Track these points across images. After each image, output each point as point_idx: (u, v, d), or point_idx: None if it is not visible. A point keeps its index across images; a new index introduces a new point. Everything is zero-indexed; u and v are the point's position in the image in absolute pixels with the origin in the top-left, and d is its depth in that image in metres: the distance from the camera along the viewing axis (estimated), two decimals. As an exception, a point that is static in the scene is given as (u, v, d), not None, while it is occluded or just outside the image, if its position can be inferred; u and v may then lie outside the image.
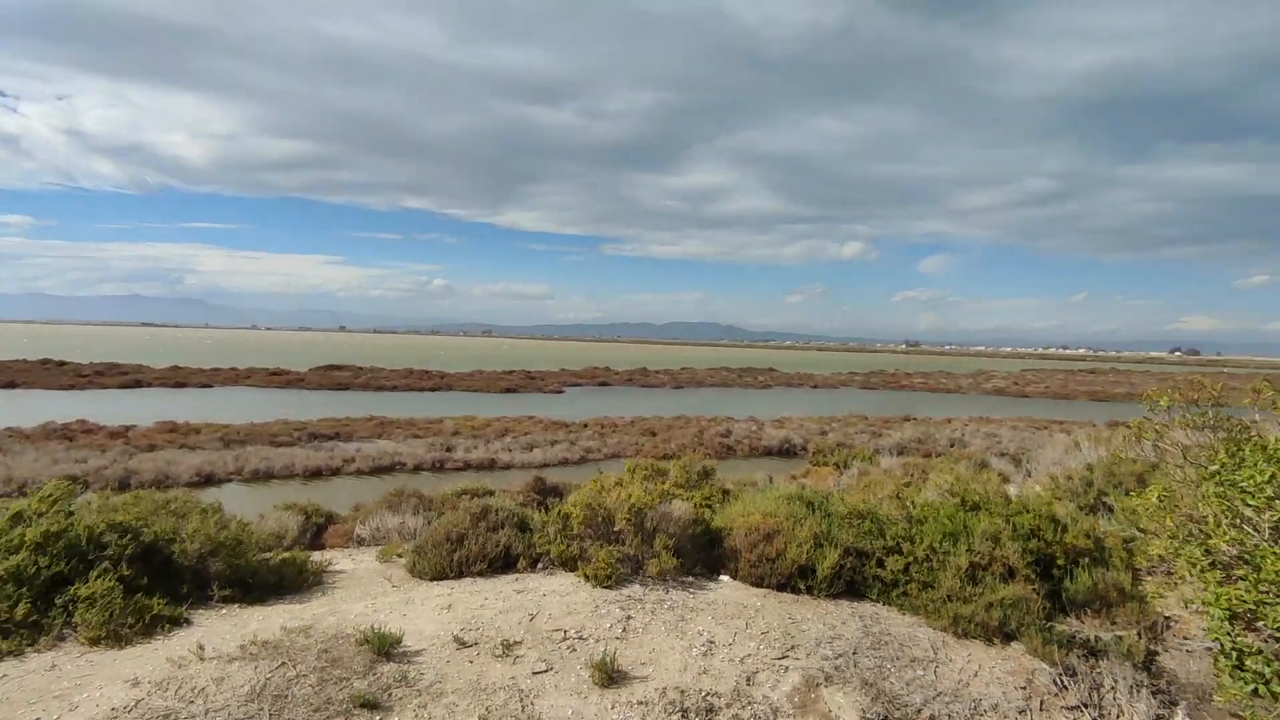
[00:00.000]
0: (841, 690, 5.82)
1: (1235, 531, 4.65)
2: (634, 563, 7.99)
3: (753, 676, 5.93)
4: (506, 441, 29.99)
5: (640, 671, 5.89)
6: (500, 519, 8.70)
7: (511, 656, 5.97)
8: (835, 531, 8.19)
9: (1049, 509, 8.91)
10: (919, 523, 8.29)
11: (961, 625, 6.94)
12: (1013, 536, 7.89)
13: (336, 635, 6.20)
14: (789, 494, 9.60)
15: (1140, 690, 6.11)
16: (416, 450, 27.33)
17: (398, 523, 10.94)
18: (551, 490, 15.42)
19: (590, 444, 30.32)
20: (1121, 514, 9.04)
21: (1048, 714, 5.89)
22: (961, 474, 13.07)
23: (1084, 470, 11.74)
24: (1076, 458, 13.69)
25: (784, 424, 37.42)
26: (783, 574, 7.83)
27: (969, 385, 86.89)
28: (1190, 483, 5.81)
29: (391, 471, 25.14)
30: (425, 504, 12.62)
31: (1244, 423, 6.35)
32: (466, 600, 7.15)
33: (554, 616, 6.74)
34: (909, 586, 7.59)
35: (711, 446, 30.21)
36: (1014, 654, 6.66)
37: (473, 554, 8.16)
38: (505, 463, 26.96)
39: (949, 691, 6.00)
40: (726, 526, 8.65)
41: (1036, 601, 7.13)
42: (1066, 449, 15.73)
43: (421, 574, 8.22)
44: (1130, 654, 6.60)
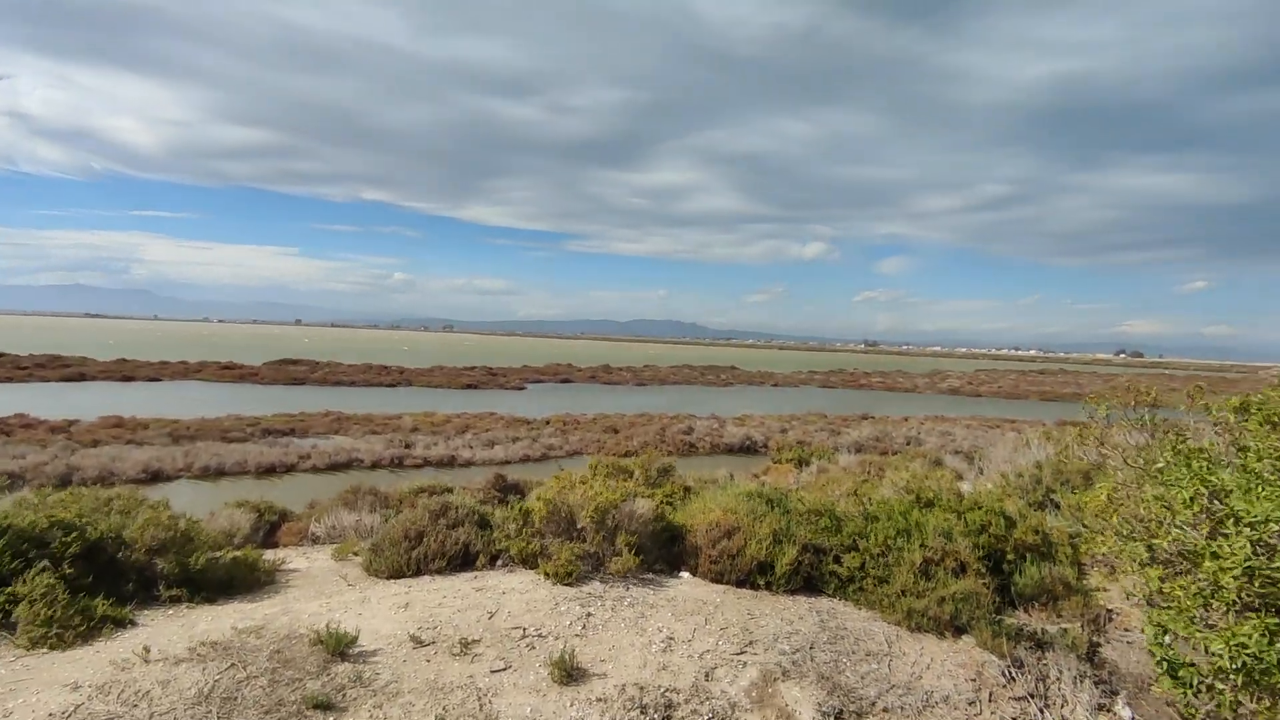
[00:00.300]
0: (798, 685, 5.90)
1: (1177, 531, 4.83)
2: (595, 560, 7.98)
3: (711, 672, 5.98)
4: (467, 438, 29.68)
5: (600, 669, 5.89)
6: (460, 516, 8.61)
7: (470, 655, 5.92)
8: (794, 528, 8.30)
9: (1000, 506, 9.17)
10: (875, 520, 8.45)
11: (915, 619, 7.09)
12: (965, 532, 8.09)
13: (289, 635, 6.07)
14: (749, 491, 9.70)
15: (1084, 681, 6.33)
16: (374, 447, 26.87)
17: (354, 520, 10.75)
18: (512, 487, 15.31)
19: (552, 441, 30.19)
20: (1068, 511, 9.34)
21: (996, 705, 6.06)
22: (917, 472, 13.36)
23: (1033, 468, 12.10)
24: (1026, 456, 14.10)
25: (745, 422, 37.76)
26: (742, 570, 7.90)
27: (925, 385, 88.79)
28: (1132, 483, 6.03)
29: (348, 468, 24.68)
30: (383, 501, 12.43)
31: (1178, 425, 6.61)
32: (424, 599, 7.06)
33: (513, 614, 6.70)
34: (865, 582, 7.73)
35: (673, 444, 30.34)
36: (965, 647, 6.83)
37: (431, 552, 8.06)
38: (465, 460, 26.68)
39: (902, 684, 6.13)
40: (687, 524, 8.70)
41: (987, 595, 7.33)
42: (1017, 447, 16.19)
43: (378, 572, 8.09)
44: (1075, 646, 6.84)
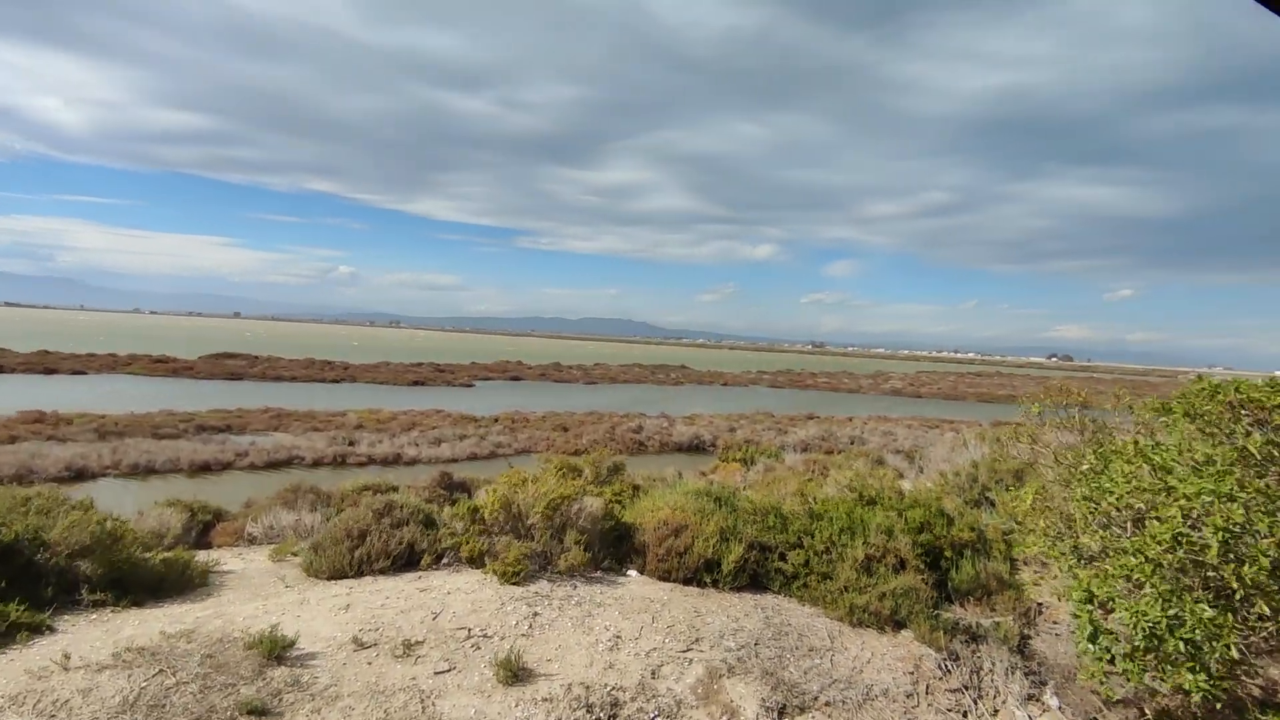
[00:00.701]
0: (743, 681, 5.98)
1: (1102, 531, 5.08)
2: (543, 559, 7.93)
3: (658, 670, 6.01)
4: (413, 436, 29.13)
5: (546, 668, 5.85)
6: (404, 515, 8.44)
7: (413, 657, 5.81)
8: (741, 526, 8.40)
9: (938, 504, 9.45)
10: (819, 517, 8.61)
11: (857, 615, 7.26)
12: (905, 530, 8.32)
13: (223, 639, 5.85)
14: (697, 489, 9.78)
15: (1015, 672, 6.59)
16: (316, 444, 26.14)
17: (293, 520, 10.44)
18: (459, 486, 15.10)
19: (500, 439, 29.87)
20: (1002, 508, 9.68)
21: (933, 697, 6.25)
22: (860, 471, 13.66)
23: (970, 467, 12.51)
24: (964, 455, 14.57)
25: (694, 421, 38.04)
26: (690, 568, 7.96)
27: (869, 385, 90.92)
28: (1061, 482, 6.30)
29: (288, 466, 23.95)
30: (324, 500, 12.10)
31: (1104, 424, 6.95)
32: (366, 600, 6.90)
33: (458, 615, 6.60)
34: (809, 578, 7.87)
35: (623, 442, 30.37)
36: (904, 641, 7.02)
37: (374, 551, 7.88)
38: (411, 457, 26.18)
39: (844, 679, 6.26)
40: (636, 521, 8.72)
41: (925, 591, 7.55)
42: (955, 447, 16.72)
43: (318, 573, 7.87)
44: (1007, 638, 7.10)
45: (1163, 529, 4.14)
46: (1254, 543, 3.94)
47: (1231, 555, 3.96)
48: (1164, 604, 3.97)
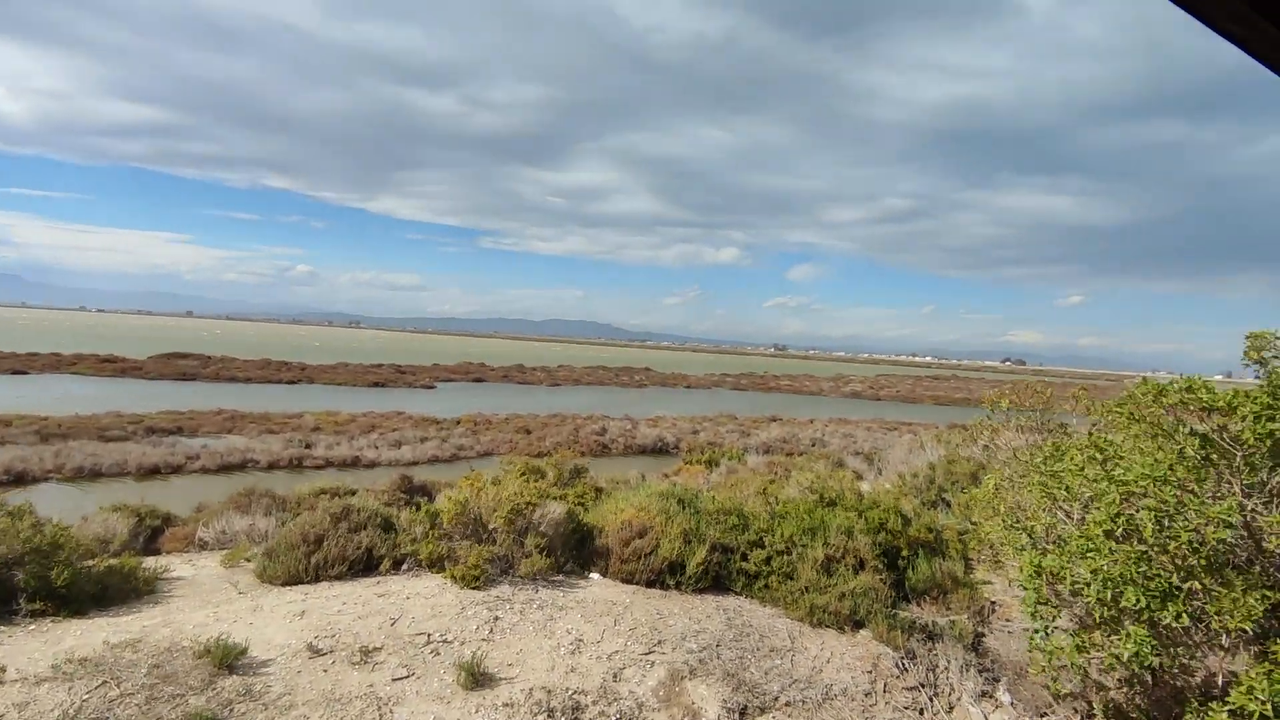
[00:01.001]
0: (705, 682, 6.00)
1: (1050, 517, 5.24)
2: (504, 562, 7.85)
3: (620, 673, 5.99)
4: (372, 438, 28.60)
5: (507, 673, 5.80)
6: (363, 519, 8.29)
7: (370, 663, 5.71)
8: (704, 528, 8.43)
9: (896, 504, 9.62)
10: (781, 519, 8.69)
11: (817, 615, 7.34)
12: (864, 530, 8.44)
13: (170, 648, 5.67)
14: (661, 492, 9.79)
15: (970, 669, 6.73)
16: (271, 447, 25.48)
17: (246, 524, 10.16)
18: (419, 489, 14.87)
19: (463, 441, 29.50)
20: (958, 509, 9.90)
21: (890, 695, 6.35)
22: (820, 472, 13.82)
23: (927, 468, 12.76)
24: (921, 457, 14.86)
25: (658, 423, 38.09)
26: (653, 570, 7.96)
27: (829, 388, 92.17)
28: (1017, 478, 6.47)
29: (242, 469, 23.30)
30: (279, 504, 11.80)
31: (1064, 425, 7.18)
32: (322, 605, 6.75)
33: (418, 620, 6.50)
34: (770, 579, 7.94)
35: (587, 445, 30.26)
36: (863, 640, 7.13)
37: (331, 556, 7.72)
38: (371, 461, 25.69)
39: (804, 679, 6.33)
40: (599, 524, 8.69)
41: (883, 590, 7.68)
42: (912, 449, 17.05)
43: (273, 579, 7.68)
44: (962, 636, 7.25)
45: (1104, 511, 4.29)
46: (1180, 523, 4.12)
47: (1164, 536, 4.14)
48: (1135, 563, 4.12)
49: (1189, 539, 4.03)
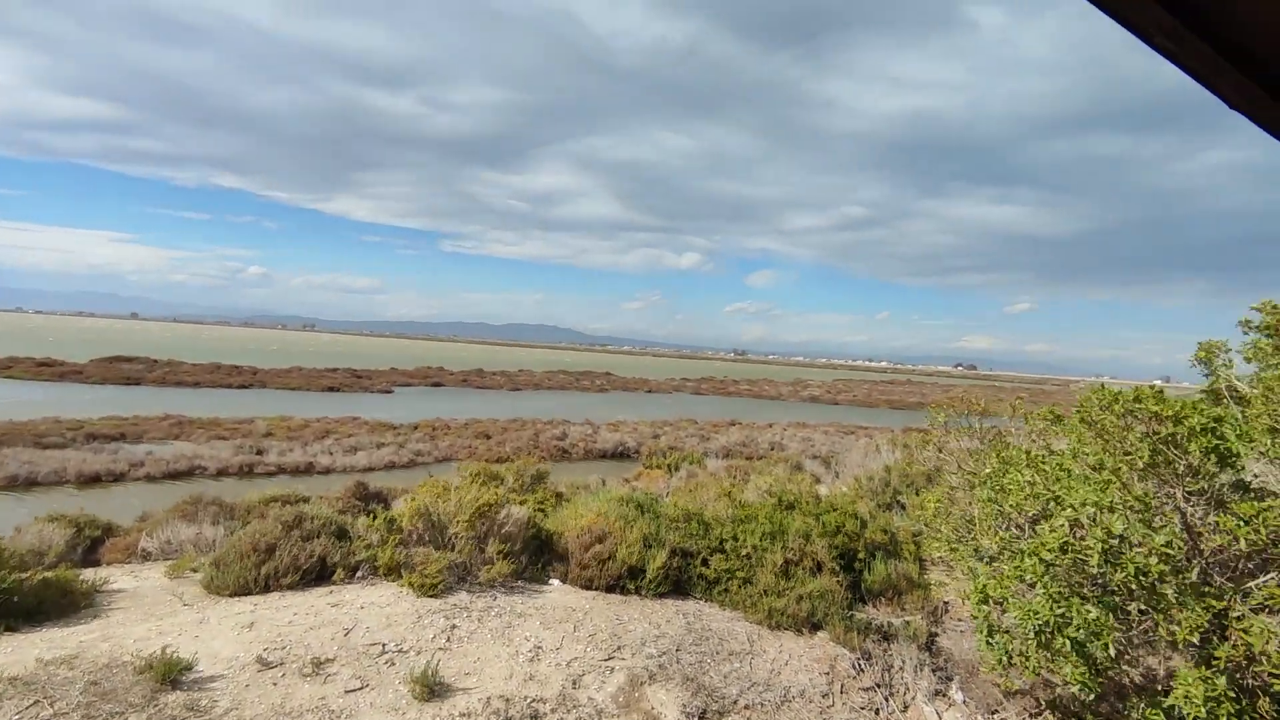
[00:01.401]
0: (664, 687, 6.00)
1: (1001, 533, 5.36)
2: (462, 569, 7.74)
3: (579, 680, 5.95)
4: (327, 444, 27.96)
5: (464, 682, 5.71)
6: (316, 527, 8.08)
7: (322, 675, 5.56)
8: (664, 533, 8.44)
9: (853, 507, 9.77)
10: (741, 523, 8.75)
11: (775, 618, 7.41)
12: (822, 533, 8.55)
13: (110, 664, 5.45)
14: (621, 497, 9.78)
15: (924, 669, 6.86)
16: (221, 453, 24.73)
17: (193, 534, 9.84)
18: (375, 496, 14.59)
19: (420, 446, 29.04)
20: (912, 511, 10.09)
21: (847, 696, 6.43)
22: (779, 476, 13.96)
23: (883, 472, 12.99)
24: (877, 460, 15.13)
25: (619, 427, 38.06)
26: (613, 575, 7.94)
27: (788, 393, 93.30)
28: (966, 486, 6.62)
29: (190, 477, 22.55)
30: (228, 512, 11.46)
31: (1001, 432, 7.38)
32: (273, 617, 6.56)
33: (372, 630, 6.37)
34: (730, 584, 7.98)
35: (547, 449, 30.07)
36: (820, 642, 7.21)
37: (283, 566, 7.51)
38: (325, 467, 25.11)
39: (762, 681, 6.37)
40: (559, 530, 8.64)
41: (840, 593, 7.78)
42: (869, 452, 17.34)
43: (220, 590, 7.44)
44: (916, 637, 7.39)
45: (1052, 537, 4.40)
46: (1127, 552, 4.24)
47: (1110, 561, 4.26)
48: (1053, 604, 4.22)
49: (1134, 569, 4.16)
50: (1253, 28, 1.39)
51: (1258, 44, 1.42)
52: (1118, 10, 1.29)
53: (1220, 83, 1.49)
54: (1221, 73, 1.44)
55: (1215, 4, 1.32)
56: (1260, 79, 1.48)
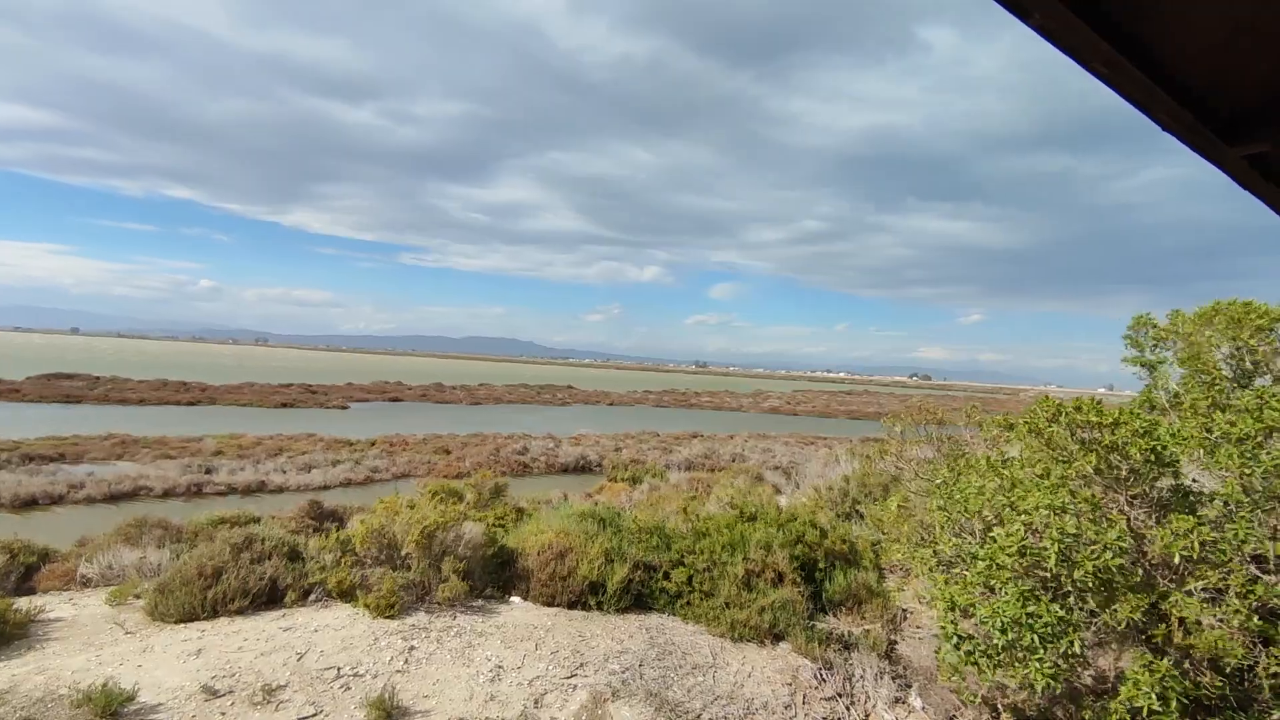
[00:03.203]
0: (627, 704, 5.94)
1: (956, 539, 5.47)
2: (420, 589, 7.59)
3: (541, 699, 5.87)
4: (280, 462, 27.21)
5: (422, 705, 5.58)
6: (267, 549, 7.84)
7: (274, 703, 5.38)
8: (626, 547, 8.40)
9: (813, 517, 9.85)
10: (702, 536, 8.76)
11: (738, 630, 7.42)
12: (782, 544, 8.60)
13: (44, 697, 5.18)
14: (583, 511, 9.70)
15: (883, 677, 6.93)
16: (167, 473, 23.86)
17: (137, 558, 9.44)
18: (330, 515, 14.23)
19: (377, 463, 28.45)
20: (871, 520, 10.23)
21: (809, 706, 6.46)
22: (740, 487, 14.03)
23: (842, 482, 13.16)
24: (836, 470, 15.32)
25: (581, 441, 37.88)
26: (574, 592, 7.86)
27: (749, 404, 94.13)
28: (922, 493, 6.74)
29: (134, 498, 21.70)
30: (174, 535, 11.04)
31: (957, 440, 7.56)
32: (221, 643, 6.33)
33: (326, 653, 6.18)
34: (692, 596, 7.97)
35: (508, 464, 29.75)
36: (782, 653, 7.23)
37: (231, 590, 7.26)
38: (278, 485, 24.41)
39: (725, 694, 6.36)
40: (520, 546, 8.53)
41: (802, 603, 7.83)
42: (828, 463, 17.56)
43: (165, 616, 7.15)
44: (876, 645, 7.47)
45: (1010, 541, 4.52)
46: (1082, 550, 4.38)
47: (1066, 561, 4.39)
48: (1024, 603, 4.33)
49: (1092, 567, 4.29)
50: (1184, 58, 1.46)
51: (1188, 73, 1.49)
52: (1060, 38, 1.33)
53: (1154, 106, 1.55)
54: (1155, 99, 1.50)
55: (1150, 34, 1.37)
56: (1190, 105, 1.55)
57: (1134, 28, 1.37)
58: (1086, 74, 1.44)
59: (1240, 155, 1.78)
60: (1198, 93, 1.57)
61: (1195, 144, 1.71)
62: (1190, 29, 1.41)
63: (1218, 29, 1.41)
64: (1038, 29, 1.29)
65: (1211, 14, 1.37)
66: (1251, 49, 1.47)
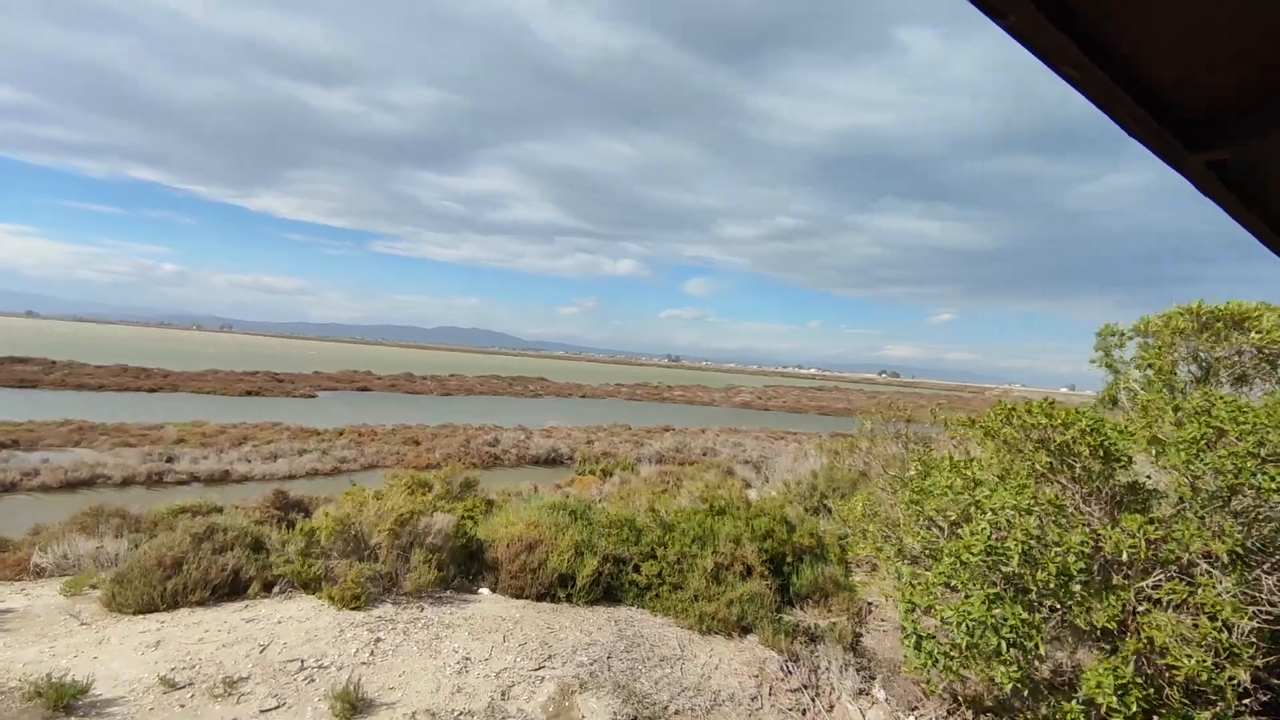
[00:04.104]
0: (595, 695, 5.96)
1: (924, 532, 5.57)
2: (388, 580, 7.51)
3: (508, 690, 5.85)
4: (245, 450, 26.72)
5: (388, 697, 5.53)
6: (229, 539, 7.70)
7: (235, 695, 5.29)
8: (596, 539, 8.40)
9: (782, 512, 9.95)
10: (672, 529, 8.80)
11: (706, 623, 7.47)
12: (751, 538, 8.68)
13: (-5, 691, 5.04)
14: (553, 504, 9.69)
15: (849, 669, 7.03)
16: (127, 461, 23.28)
17: (93, 548, 9.21)
18: (296, 505, 14.02)
19: (345, 453, 28.08)
20: (838, 515, 10.36)
21: (775, 698, 6.54)
22: (710, 481, 14.11)
23: (810, 476, 13.30)
24: (805, 465, 15.48)
25: (552, 433, 37.78)
26: (544, 584, 7.85)
27: (721, 398, 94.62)
28: (890, 489, 6.85)
29: (91, 486, 21.14)
30: (133, 524, 10.79)
31: (925, 438, 7.69)
32: (181, 635, 6.21)
33: (290, 645, 6.10)
34: (661, 589, 8.01)
35: (478, 456, 29.57)
36: (749, 645, 7.31)
37: (192, 581, 7.12)
38: (242, 475, 23.97)
39: (693, 686, 6.41)
40: (489, 538, 8.49)
41: (769, 596, 7.91)
42: (797, 457, 17.74)
43: (123, 607, 6.99)
44: (841, 638, 7.58)
45: (975, 540, 4.61)
46: (1044, 552, 4.48)
47: (1029, 561, 4.49)
48: (990, 605, 4.42)
49: (1055, 569, 4.39)
50: (1149, 64, 1.49)
51: (1153, 79, 1.52)
52: (1032, 40, 1.35)
53: (1119, 110, 1.59)
54: (1119, 101, 1.53)
55: (1117, 40, 1.40)
56: (1154, 110, 1.59)
57: (1102, 33, 1.39)
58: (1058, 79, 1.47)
59: (1201, 161, 1.83)
60: (1162, 99, 1.61)
61: (1158, 149, 1.75)
62: (1156, 37, 1.44)
63: (1182, 38, 1.44)
64: (1011, 30, 1.31)
65: (1176, 23, 1.40)
66: (1213, 58, 1.51)
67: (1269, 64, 1.52)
